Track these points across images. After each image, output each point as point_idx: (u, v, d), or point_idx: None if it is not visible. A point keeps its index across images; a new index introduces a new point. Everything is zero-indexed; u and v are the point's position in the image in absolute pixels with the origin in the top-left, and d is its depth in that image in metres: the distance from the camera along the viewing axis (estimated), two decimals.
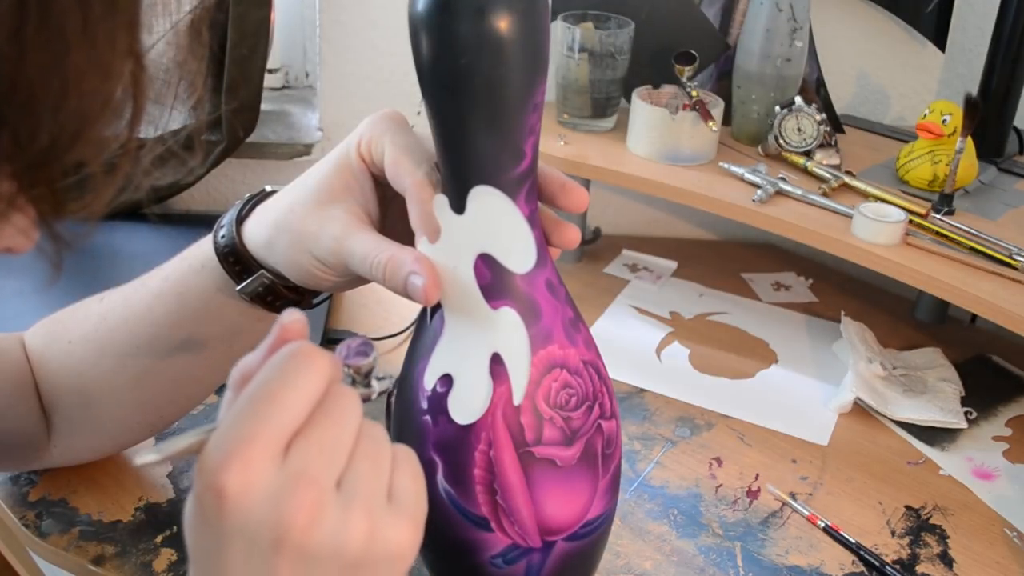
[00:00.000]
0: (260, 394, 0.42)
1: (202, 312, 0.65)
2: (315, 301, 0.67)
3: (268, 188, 0.65)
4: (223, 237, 0.64)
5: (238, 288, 0.63)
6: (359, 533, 0.42)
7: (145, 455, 0.43)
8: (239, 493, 0.41)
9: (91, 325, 0.68)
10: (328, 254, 0.59)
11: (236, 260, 0.63)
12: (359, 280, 0.62)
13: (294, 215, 0.60)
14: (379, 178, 0.60)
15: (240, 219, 0.64)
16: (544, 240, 0.59)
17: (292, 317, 0.47)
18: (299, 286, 0.63)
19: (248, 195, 0.65)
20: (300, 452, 0.42)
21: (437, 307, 0.59)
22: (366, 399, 0.49)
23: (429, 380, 0.59)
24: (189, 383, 0.69)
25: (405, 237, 0.58)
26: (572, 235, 0.59)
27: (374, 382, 0.49)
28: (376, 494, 0.43)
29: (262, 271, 0.63)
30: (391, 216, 0.62)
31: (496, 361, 0.57)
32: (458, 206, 0.56)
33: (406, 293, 0.56)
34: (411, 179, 0.57)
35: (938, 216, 0.94)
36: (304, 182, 0.61)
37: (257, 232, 0.63)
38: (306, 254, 0.60)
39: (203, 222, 1.12)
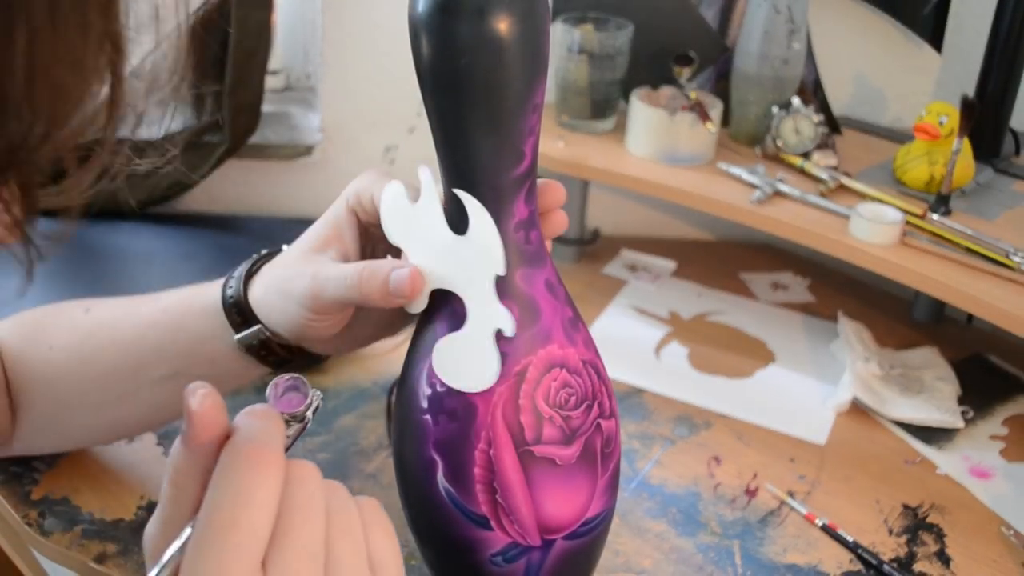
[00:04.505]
0: (221, 521, 0.39)
1: (195, 353, 0.66)
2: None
3: (284, 248, 0.67)
4: (231, 289, 0.65)
5: (236, 337, 0.64)
6: None
7: None
8: None
9: (76, 338, 0.69)
10: (307, 296, 0.60)
11: (239, 313, 0.65)
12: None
13: (283, 271, 0.63)
14: (370, 226, 0.63)
15: (250, 274, 0.66)
16: (543, 241, 0.60)
17: (200, 398, 0.42)
18: (292, 344, 0.65)
19: (263, 251, 0.67)
20: (280, 566, 0.39)
21: (436, 308, 0.59)
22: (302, 431, 0.46)
23: (428, 378, 0.59)
24: (167, 409, 0.70)
25: None
26: (560, 220, 0.61)
27: (308, 413, 0.47)
28: (361, 572, 0.42)
29: (260, 326, 0.64)
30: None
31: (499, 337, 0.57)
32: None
33: (389, 293, 0.57)
34: None
35: (935, 216, 0.95)
36: (297, 240, 0.64)
37: (258, 290, 0.64)
38: (293, 304, 0.61)
39: (204, 222, 1.14)
